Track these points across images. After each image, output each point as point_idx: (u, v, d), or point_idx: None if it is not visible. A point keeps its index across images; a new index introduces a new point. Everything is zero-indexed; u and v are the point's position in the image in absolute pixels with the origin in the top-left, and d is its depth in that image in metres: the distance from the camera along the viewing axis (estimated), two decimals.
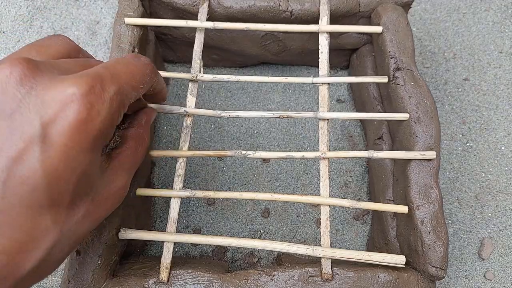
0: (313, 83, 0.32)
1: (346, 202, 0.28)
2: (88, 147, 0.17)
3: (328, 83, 0.32)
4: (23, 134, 0.16)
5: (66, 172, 0.17)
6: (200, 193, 0.29)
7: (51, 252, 0.17)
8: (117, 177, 0.21)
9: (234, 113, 0.31)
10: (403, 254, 0.28)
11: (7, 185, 0.16)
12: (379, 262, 0.27)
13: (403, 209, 0.28)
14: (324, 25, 0.33)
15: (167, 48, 0.41)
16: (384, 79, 0.33)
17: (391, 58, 0.32)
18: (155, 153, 0.31)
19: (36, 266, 0.17)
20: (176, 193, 0.29)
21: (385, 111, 0.36)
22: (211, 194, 0.29)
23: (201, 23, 0.33)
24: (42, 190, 0.16)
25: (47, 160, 0.16)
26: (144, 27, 0.34)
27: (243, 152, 0.30)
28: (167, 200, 0.38)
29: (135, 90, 0.20)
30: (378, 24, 0.34)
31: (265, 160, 0.40)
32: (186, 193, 0.29)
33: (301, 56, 0.41)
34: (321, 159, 0.30)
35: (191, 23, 0.33)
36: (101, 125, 0.17)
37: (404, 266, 0.27)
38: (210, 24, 0.33)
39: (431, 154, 0.29)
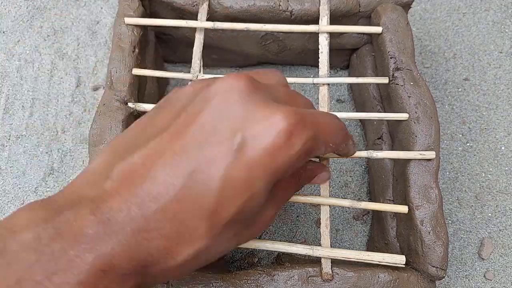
0: (313, 84, 0.32)
1: (346, 202, 0.28)
2: (268, 175, 0.18)
3: (329, 84, 0.32)
4: (225, 139, 0.17)
5: (240, 190, 0.17)
6: None
7: (197, 257, 0.18)
8: (269, 208, 0.21)
9: None
10: (403, 254, 0.28)
11: (187, 184, 0.17)
12: (379, 262, 0.27)
13: (403, 209, 0.28)
14: (324, 25, 0.33)
15: (167, 48, 0.41)
16: (384, 80, 0.33)
17: (391, 58, 0.32)
18: None
19: (182, 263, 0.18)
20: None
21: (385, 111, 0.36)
22: None
23: (201, 23, 0.33)
24: (211, 198, 0.17)
25: (231, 170, 0.17)
26: (144, 27, 0.34)
27: None
28: None
29: (325, 145, 0.21)
30: (378, 24, 0.34)
31: None
32: None
33: (301, 56, 0.41)
34: (321, 159, 0.30)
35: (191, 23, 0.33)
36: (288, 158, 0.18)
37: (404, 266, 0.27)
38: (210, 24, 0.33)
39: (431, 154, 0.29)
